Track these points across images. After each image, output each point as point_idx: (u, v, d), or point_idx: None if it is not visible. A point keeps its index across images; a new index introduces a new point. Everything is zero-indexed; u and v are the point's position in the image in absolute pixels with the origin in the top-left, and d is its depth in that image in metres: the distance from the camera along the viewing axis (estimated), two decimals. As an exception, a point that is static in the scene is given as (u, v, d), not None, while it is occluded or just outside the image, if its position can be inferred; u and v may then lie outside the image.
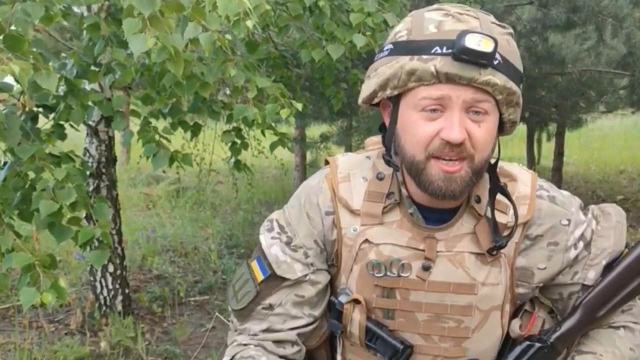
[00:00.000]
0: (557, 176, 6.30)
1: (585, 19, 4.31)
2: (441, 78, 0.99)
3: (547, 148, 7.82)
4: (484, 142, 1.02)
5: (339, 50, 2.86)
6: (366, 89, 1.10)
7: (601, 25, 4.38)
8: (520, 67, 1.06)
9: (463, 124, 1.00)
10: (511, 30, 1.07)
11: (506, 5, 4.25)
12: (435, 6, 1.06)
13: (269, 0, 2.52)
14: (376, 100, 1.10)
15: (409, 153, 1.05)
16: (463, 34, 0.96)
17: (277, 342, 1.18)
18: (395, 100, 1.07)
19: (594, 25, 4.40)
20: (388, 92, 1.05)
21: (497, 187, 1.10)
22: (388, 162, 1.13)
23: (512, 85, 1.01)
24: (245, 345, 1.18)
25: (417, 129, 1.03)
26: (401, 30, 1.06)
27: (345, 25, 2.92)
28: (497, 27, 1.04)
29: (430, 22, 1.02)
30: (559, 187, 1.51)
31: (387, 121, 1.12)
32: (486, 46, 0.96)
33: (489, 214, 1.11)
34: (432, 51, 0.99)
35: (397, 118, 1.07)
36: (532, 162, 6.94)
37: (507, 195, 1.10)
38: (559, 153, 6.41)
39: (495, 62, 0.99)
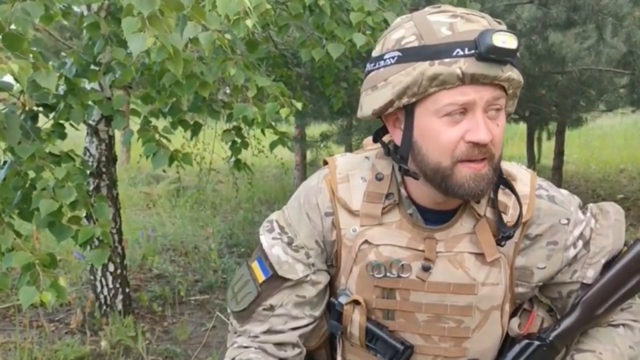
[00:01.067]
0: (557, 175, 6.29)
1: (585, 17, 4.31)
2: (466, 79, 0.98)
3: (547, 147, 7.82)
4: (500, 139, 1.03)
5: (339, 50, 2.86)
6: (378, 100, 1.05)
7: (601, 24, 4.37)
8: (519, 60, 1.07)
9: (487, 124, 1.01)
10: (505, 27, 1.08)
11: (506, 4, 4.25)
12: (435, 9, 1.05)
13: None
14: (391, 110, 1.06)
15: (433, 161, 1.03)
16: (486, 33, 0.97)
17: (278, 345, 1.17)
18: (410, 107, 1.04)
19: (594, 24, 4.39)
20: (404, 100, 1.03)
21: (501, 180, 1.11)
22: (406, 172, 1.09)
23: (521, 78, 1.03)
24: (245, 347, 1.18)
25: (440, 135, 1.02)
26: (406, 37, 1.03)
27: (346, 24, 2.92)
28: (498, 24, 1.05)
29: (442, 25, 1.01)
30: (559, 186, 1.51)
31: (393, 131, 1.11)
32: (512, 43, 0.97)
33: (488, 214, 1.11)
34: (454, 53, 0.98)
35: (413, 126, 1.05)
36: (532, 161, 6.94)
37: (511, 188, 1.10)
38: (559, 152, 6.40)
39: (514, 59, 1.00)
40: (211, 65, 2.63)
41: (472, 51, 0.97)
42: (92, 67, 2.69)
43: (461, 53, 0.98)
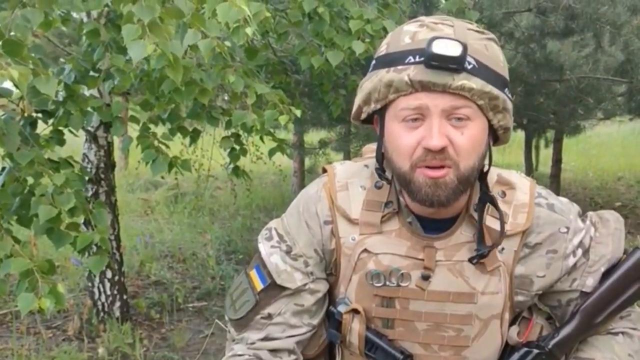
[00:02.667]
0: (555, 183, 6.30)
1: (583, 26, 4.33)
2: (416, 87, 1.00)
3: (545, 155, 7.83)
4: (467, 149, 1.02)
5: (338, 57, 2.87)
6: (354, 106, 1.13)
7: (599, 32, 4.39)
8: (502, 72, 1.05)
9: (443, 131, 1.00)
10: (492, 36, 1.07)
11: (504, 13, 4.26)
12: (415, 19, 1.08)
13: (268, 7, 2.53)
14: (363, 115, 1.11)
15: (396, 164, 1.06)
16: (431, 40, 0.98)
17: (273, 351, 1.16)
18: (381, 113, 1.08)
19: (592, 33, 4.41)
20: (372, 106, 1.08)
21: (486, 197, 1.10)
22: (380, 176, 1.13)
23: (491, 89, 1.01)
24: (240, 355, 1.17)
25: (399, 139, 1.04)
26: (382, 45, 1.09)
27: (345, 31, 2.93)
28: (475, 33, 1.04)
29: (406, 34, 1.04)
30: (557, 193, 1.51)
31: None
32: (453, 50, 0.97)
33: (488, 222, 1.11)
34: (406, 61, 1.01)
35: (384, 131, 1.08)
36: (530, 169, 6.94)
37: (495, 205, 1.10)
38: (557, 160, 6.41)
39: (470, 67, 1.00)
40: (210, 72, 2.63)
41: (422, 59, 0.99)
42: (92, 73, 2.70)
43: (412, 60, 1.01)
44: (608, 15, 4.22)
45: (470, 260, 1.09)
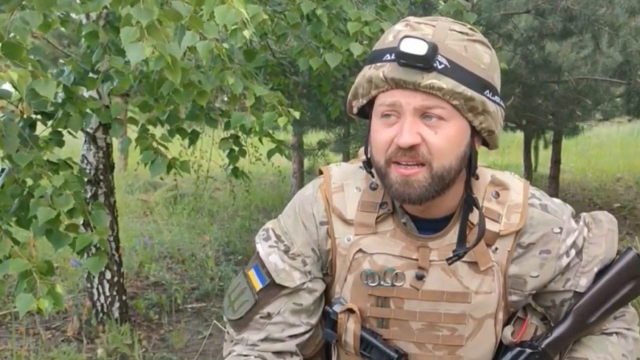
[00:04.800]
0: (554, 184, 6.31)
1: (581, 27, 4.34)
2: (390, 83, 1.03)
3: (544, 156, 7.83)
4: (441, 148, 1.03)
5: (336, 59, 2.88)
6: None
7: (597, 33, 4.41)
8: (483, 74, 1.04)
9: (415, 129, 1.02)
10: (478, 38, 1.07)
11: (503, 14, 4.27)
12: (404, 19, 1.10)
13: (266, 9, 2.54)
14: (354, 110, 1.14)
15: (374, 159, 1.09)
16: (401, 39, 1.01)
17: (277, 353, 1.17)
18: (369, 109, 1.11)
19: (590, 34, 4.42)
20: (360, 100, 1.11)
21: (469, 199, 1.11)
22: (366, 170, 1.16)
23: (464, 89, 1.01)
24: (245, 356, 1.17)
25: (377, 134, 1.07)
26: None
27: (343, 33, 2.94)
28: (457, 34, 1.05)
29: (391, 33, 1.07)
30: (556, 194, 1.52)
31: None
32: (419, 49, 0.99)
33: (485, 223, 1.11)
34: (383, 58, 1.04)
35: (370, 128, 1.11)
36: (529, 170, 6.95)
37: (478, 207, 1.10)
38: (556, 161, 6.42)
39: (440, 67, 1.01)
40: (209, 74, 2.64)
41: (394, 56, 1.02)
42: (91, 75, 2.71)
43: (388, 58, 1.04)
44: (606, 16, 4.23)
45: (447, 260, 1.09)
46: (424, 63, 1.00)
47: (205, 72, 2.63)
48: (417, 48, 0.99)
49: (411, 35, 1.01)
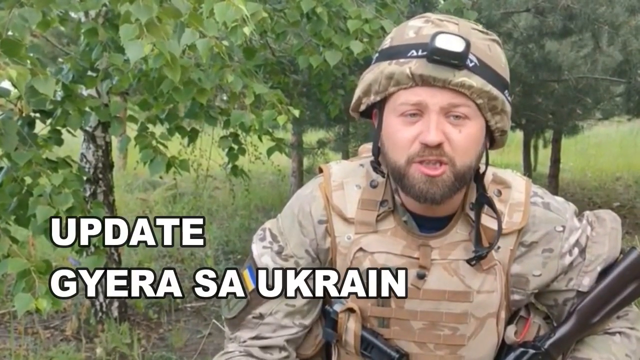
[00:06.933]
0: (553, 183, 6.30)
1: (581, 26, 4.34)
2: (417, 80, 1.01)
3: (544, 155, 7.83)
4: (464, 147, 1.02)
5: (336, 57, 2.87)
6: (354, 98, 1.12)
7: (597, 32, 4.40)
8: (504, 74, 1.06)
9: (441, 127, 1.01)
10: (495, 38, 1.08)
11: (503, 13, 4.27)
12: (421, 15, 1.08)
13: (266, 7, 2.54)
14: (362, 107, 1.12)
15: (392, 159, 1.06)
16: (435, 35, 0.99)
17: (264, 348, 1.18)
18: (380, 106, 1.08)
19: (590, 33, 4.42)
20: (372, 97, 1.08)
21: (483, 198, 1.10)
22: (375, 170, 1.14)
23: (491, 89, 1.02)
24: (231, 352, 1.19)
25: (397, 133, 1.04)
26: (387, 39, 1.09)
27: (343, 31, 2.93)
28: (479, 32, 1.05)
29: (411, 29, 1.05)
30: (556, 193, 1.51)
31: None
32: (456, 46, 0.98)
33: (484, 221, 1.11)
34: (409, 54, 1.02)
35: (382, 125, 1.08)
36: (528, 169, 6.95)
37: (493, 206, 1.10)
38: (556, 160, 6.41)
39: (471, 65, 1.00)
40: (209, 72, 2.63)
41: (424, 53, 1.00)
42: (90, 73, 2.70)
43: (415, 54, 1.01)
44: (606, 15, 4.23)
45: (468, 261, 1.08)
46: (459, 60, 0.98)
47: (205, 70, 2.62)
48: (454, 45, 0.97)
49: (445, 32, 0.99)
